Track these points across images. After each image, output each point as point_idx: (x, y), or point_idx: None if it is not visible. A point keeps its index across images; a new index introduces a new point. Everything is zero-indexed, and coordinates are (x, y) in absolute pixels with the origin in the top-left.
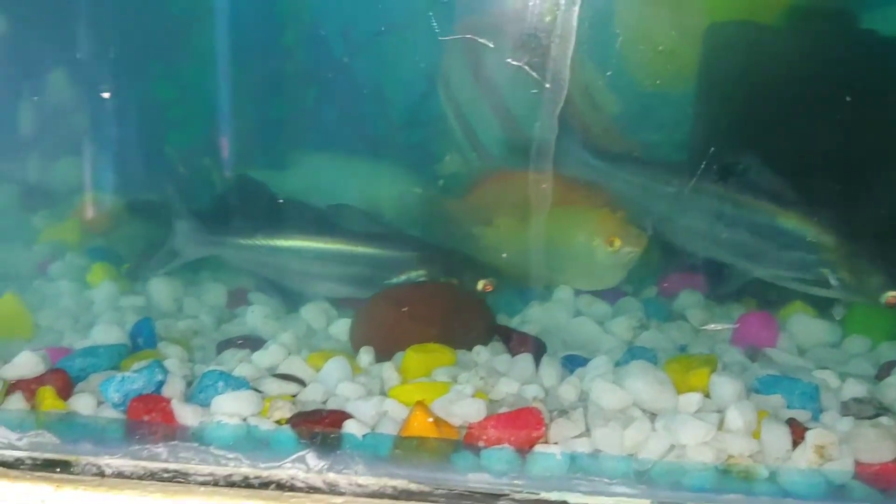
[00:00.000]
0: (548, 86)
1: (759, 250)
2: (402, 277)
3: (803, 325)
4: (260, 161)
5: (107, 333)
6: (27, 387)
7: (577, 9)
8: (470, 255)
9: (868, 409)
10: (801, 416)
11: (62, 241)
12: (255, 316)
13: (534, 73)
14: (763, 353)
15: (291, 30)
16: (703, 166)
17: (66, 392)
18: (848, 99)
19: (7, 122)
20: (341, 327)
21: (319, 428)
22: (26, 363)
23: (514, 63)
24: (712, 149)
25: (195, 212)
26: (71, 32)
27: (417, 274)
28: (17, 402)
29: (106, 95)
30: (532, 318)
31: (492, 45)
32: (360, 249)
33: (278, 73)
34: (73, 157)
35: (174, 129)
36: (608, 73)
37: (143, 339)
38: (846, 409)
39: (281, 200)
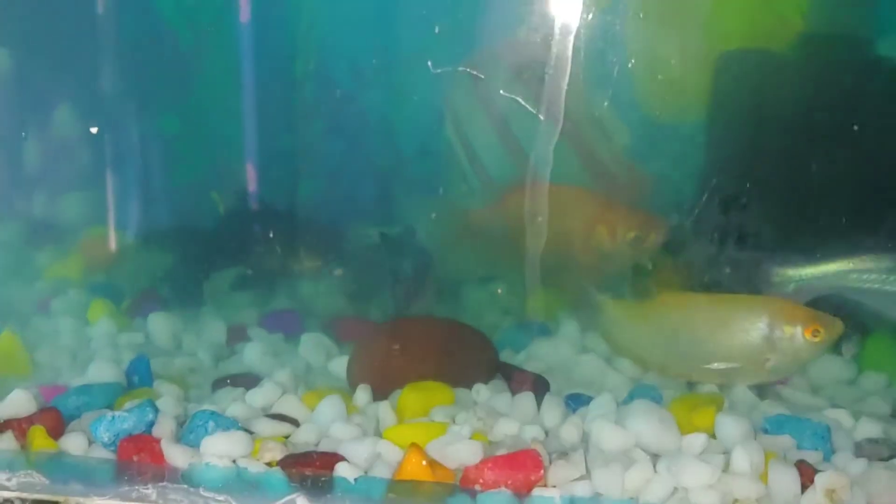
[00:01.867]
0: (542, 118)
1: None
2: None
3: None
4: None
5: (102, 371)
6: (18, 426)
7: (572, 39)
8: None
9: (882, 450)
10: (812, 457)
11: (65, 278)
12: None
13: (528, 106)
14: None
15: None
16: None
17: (57, 431)
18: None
19: (14, 158)
20: (341, 364)
21: (310, 471)
22: (18, 402)
23: (508, 95)
24: None
25: None
26: (77, 67)
27: None
28: (7, 441)
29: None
30: (537, 355)
31: (483, 77)
32: None
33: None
34: (80, 193)
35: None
36: (605, 104)
37: (138, 378)
38: (860, 449)
39: None
